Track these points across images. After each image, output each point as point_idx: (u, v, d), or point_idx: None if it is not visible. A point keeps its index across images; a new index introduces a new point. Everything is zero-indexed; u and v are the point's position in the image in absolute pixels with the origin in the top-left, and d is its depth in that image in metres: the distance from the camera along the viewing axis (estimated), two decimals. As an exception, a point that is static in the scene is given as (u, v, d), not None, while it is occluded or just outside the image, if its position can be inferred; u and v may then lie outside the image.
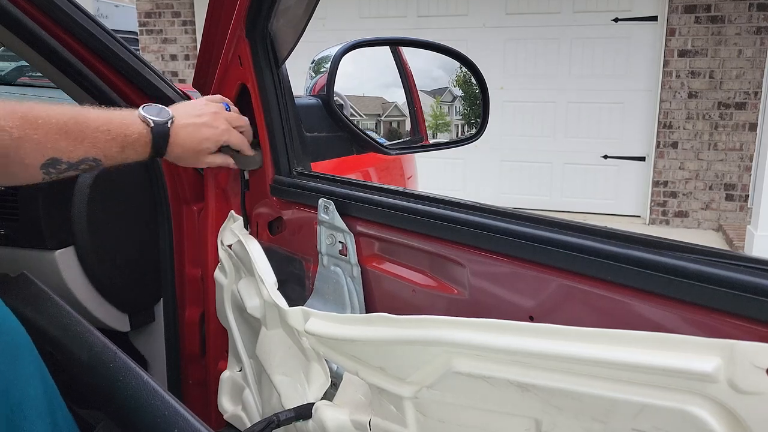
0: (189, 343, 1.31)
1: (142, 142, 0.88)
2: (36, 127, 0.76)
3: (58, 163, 0.79)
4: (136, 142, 0.87)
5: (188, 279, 1.28)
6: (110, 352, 0.88)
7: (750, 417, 0.47)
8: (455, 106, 1.58)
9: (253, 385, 1.14)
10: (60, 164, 0.80)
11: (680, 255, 0.56)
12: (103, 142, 0.83)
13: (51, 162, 0.79)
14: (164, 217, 1.25)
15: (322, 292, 0.96)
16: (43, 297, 0.98)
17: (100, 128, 0.83)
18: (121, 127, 0.85)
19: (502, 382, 0.62)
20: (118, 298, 1.28)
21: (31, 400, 0.80)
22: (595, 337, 0.55)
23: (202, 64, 1.14)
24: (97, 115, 0.84)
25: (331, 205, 0.90)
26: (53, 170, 0.79)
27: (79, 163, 0.82)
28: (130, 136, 0.86)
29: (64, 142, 0.79)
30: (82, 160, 0.82)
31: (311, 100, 1.25)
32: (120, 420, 0.87)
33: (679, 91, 4.80)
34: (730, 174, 4.84)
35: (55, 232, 1.17)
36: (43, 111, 0.78)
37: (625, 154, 5.11)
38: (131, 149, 0.87)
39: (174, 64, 6.33)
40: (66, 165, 0.80)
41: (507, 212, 0.72)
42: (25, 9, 1.01)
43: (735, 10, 4.59)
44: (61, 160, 0.79)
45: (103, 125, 0.83)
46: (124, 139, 0.86)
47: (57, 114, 0.79)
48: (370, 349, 0.75)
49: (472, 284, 0.75)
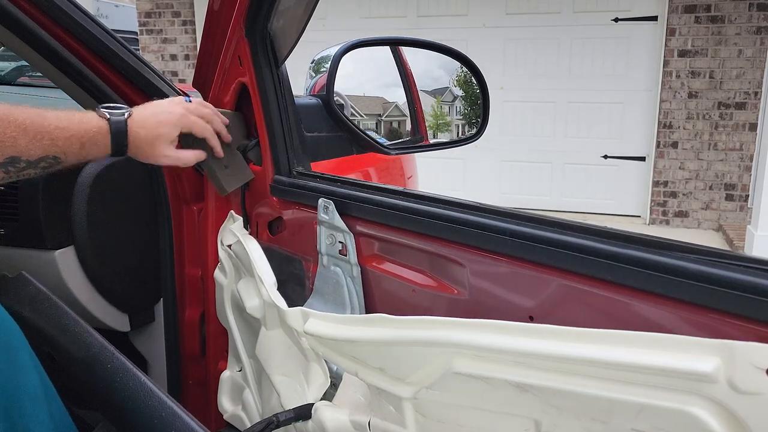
0: (189, 343, 1.31)
1: (101, 136, 0.88)
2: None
3: (17, 161, 0.79)
4: (95, 136, 0.87)
5: (188, 279, 1.28)
6: (108, 352, 0.88)
7: (750, 417, 0.47)
8: (455, 106, 1.58)
9: (253, 385, 1.14)
10: (19, 163, 0.79)
11: (680, 255, 0.55)
12: (62, 139, 0.83)
13: (10, 161, 0.78)
14: (164, 217, 1.25)
15: (322, 292, 0.96)
16: (41, 297, 0.98)
17: (59, 126, 0.83)
18: (81, 124, 0.86)
19: (501, 382, 0.62)
20: (118, 298, 1.28)
21: (27, 395, 0.80)
22: (595, 337, 0.55)
23: (202, 64, 1.13)
24: (57, 115, 0.84)
25: (331, 205, 0.90)
26: (12, 169, 0.79)
27: (38, 161, 0.82)
28: (89, 131, 0.87)
29: (23, 140, 0.79)
30: (41, 158, 0.82)
31: (311, 100, 1.25)
32: (118, 421, 0.87)
33: (679, 91, 4.80)
34: (730, 174, 4.84)
35: (55, 232, 1.17)
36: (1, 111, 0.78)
37: (625, 154, 5.11)
38: (91, 144, 0.87)
39: (174, 64, 6.33)
40: (25, 163, 0.80)
41: (507, 212, 0.72)
42: (25, 9, 1.01)
43: (735, 10, 4.58)
44: (20, 159, 0.79)
45: (62, 123, 0.84)
46: (84, 134, 0.86)
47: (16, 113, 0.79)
48: (370, 350, 0.75)
49: (472, 284, 0.75)
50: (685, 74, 4.76)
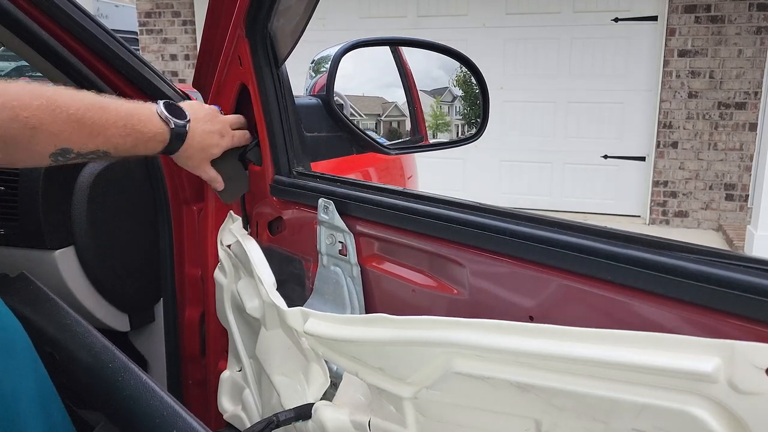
0: (189, 343, 1.31)
1: (158, 141, 0.89)
2: (54, 117, 0.76)
3: (68, 152, 0.79)
4: (151, 140, 0.88)
5: (188, 279, 1.28)
6: (109, 352, 0.88)
7: (750, 417, 0.47)
8: (455, 106, 1.58)
9: (253, 385, 1.14)
10: (70, 154, 0.80)
11: (680, 255, 0.55)
12: (118, 137, 0.84)
13: (61, 152, 0.79)
14: (164, 217, 1.25)
15: (321, 291, 0.96)
16: (42, 297, 0.98)
17: (117, 123, 0.83)
18: (139, 125, 0.86)
19: (502, 382, 0.62)
20: (118, 297, 1.28)
21: (25, 396, 0.80)
22: (595, 337, 0.55)
23: (202, 64, 1.13)
24: (117, 109, 0.84)
25: (331, 205, 0.90)
26: (61, 158, 0.80)
27: (88, 154, 0.82)
28: (147, 134, 0.87)
29: (78, 134, 0.79)
30: (92, 152, 0.82)
31: (311, 100, 1.25)
32: (119, 420, 0.87)
33: (679, 91, 4.80)
34: (730, 174, 4.84)
35: (55, 232, 1.17)
36: (64, 99, 0.77)
37: (625, 154, 5.11)
38: (143, 146, 0.88)
39: (174, 64, 6.33)
40: (75, 155, 0.81)
41: (507, 212, 0.72)
42: (25, 9, 1.01)
43: (735, 10, 4.58)
44: (71, 150, 0.79)
45: (120, 120, 0.83)
46: (140, 136, 0.87)
47: (77, 103, 0.79)
48: (370, 350, 0.75)
49: (471, 284, 0.75)
50: (685, 74, 4.76)
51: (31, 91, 0.74)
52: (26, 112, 0.73)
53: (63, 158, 0.80)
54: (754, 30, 4.58)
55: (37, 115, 0.74)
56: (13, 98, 0.72)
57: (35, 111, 0.74)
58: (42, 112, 0.75)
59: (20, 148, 0.75)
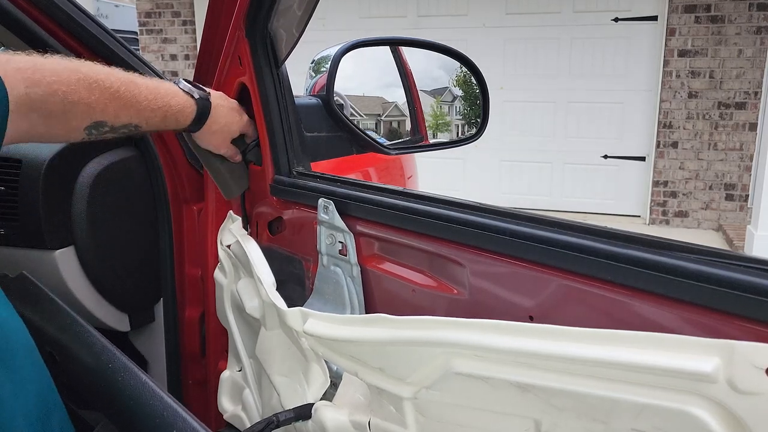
0: (189, 343, 1.31)
1: (186, 113, 0.92)
2: (90, 90, 0.77)
3: (102, 125, 0.81)
4: (179, 112, 0.91)
5: (188, 279, 1.28)
6: (109, 352, 0.88)
7: (750, 417, 0.47)
8: (455, 105, 1.58)
9: (253, 385, 1.14)
10: (104, 127, 0.81)
11: (680, 255, 0.55)
12: (148, 111, 0.86)
13: (96, 125, 0.80)
14: (164, 217, 1.25)
15: (321, 291, 0.96)
16: (42, 297, 0.98)
17: (148, 97, 0.85)
18: (166, 97, 0.89)
19: (501, 382, 0.62)
20: (118, 297, 1.28)
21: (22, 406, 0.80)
22: (595, 337, 0.55)
23: (202, 64, 1.13)
24: (146, 84, 0.86)
25: (331, 205, 0.90)
26: (95, 131, 0.81)
27: (120, 127, 0.84)
28: (175, 107, 0.90)
29: (113, 107, 0.81)
30: (124, 125, 0.84)
31: (311, 100, 1.25)
32: (119, 421, 0.86)
33: (679, 91, 4.80)
34: (730, 174, 4.84)
35: (55, 232, 1.17)
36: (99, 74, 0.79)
37: (625, 154, 5.11)
38: (173, 119, 0.91)
39: (174, 63, 6.33)
40: (108, 128, 0.82)
41: (507, 212, 0.72)
42: (25, 9, 1.01)
43: (735, 9, 4.58)
44: (105, 123, 0.81)
45: (150, 94, 0.86)
46: (169, 109, 0.89)
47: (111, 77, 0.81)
48: (369, 350, 0.75)
49: (471, 284, 0.75)
50: (685, 74, 4.76)
51: (67, 67, 0.76)
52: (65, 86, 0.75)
53: (96, 131, 0.81)
54: (754, 30, 4.58)
55: (75, 89, 0.76)
56: (50, 73, 0.73)
57: (73, 86, 0.75)
58: (80, 86, 0.76)
59: (58, 122, 0.76)
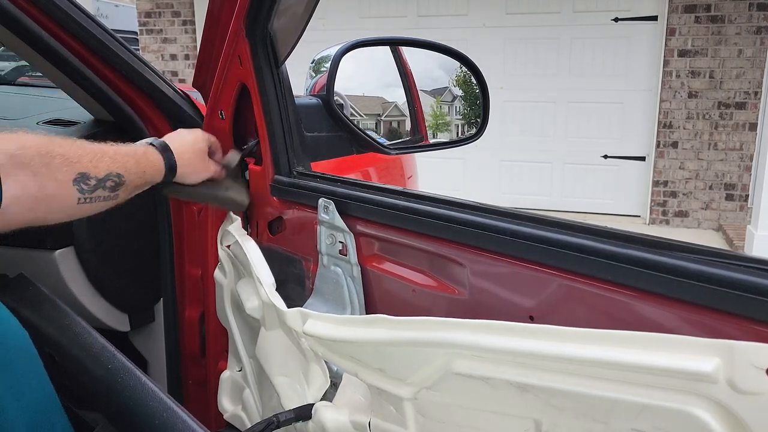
0: (189, 343, 1.31)
1: (151, 153, 0.93)
2: (59, 143, 0.80)
3: (87, 178, 0.82)
4: (145, 154, 0.92)
5: (188, 279, 1.28)
6: (109, 353, 0.88)
7: (750, 417, 0.47)
8: (455, 105, 1.58)
9: (253, 385, 1.13)
10: (90, 179, 0.82)
11: (680, 255, 0.55)
12: (120, 155, 0.87)
13: (81, 177, 0.81)
14: (164, 217, 1.25)
15: (322, 291, 0.96)
16: (42, 298, 0.98)
17: (113, 148, 0.88)
18: (129, 147, 0.91)
19: (501, 383, 0.61)
20: (117, 297, 1.28)
21: (22, 409, 0.80)
22: (595, 337, 0.55)
23: (202, 64, 1.13)
24: (105, 144, 0.88)
25: (331, 205, 0.90)
26: (85, 186, 0.82)
27: (105, 179, 0.85)
28: (139, 151, 0.92)
29: (87, 157, 0.82)
30: (107, 176, 0.85)
31: (311, 100, 1.25)
32: (118, 421, 0.86)
33: (679, 91, 4.80)
34: (730, 174, 4.84)
35: (55, 232, 1.17)
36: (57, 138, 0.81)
37: (625, 154, 5.11)
38: (146, 161, 0.92)
39: (174, 63, 6.33)
40: (95, 180, 0.83)
41: (507, 212, 0.72)
42: (25, 9, 1.01)
43: (735, 9, 4.58)
44: (89, 175, 0.82)
45: (113, 147, 0.88)
46: (135, 153, 0.91)
47: (71, 139, 0.83)
48: (370, 351, 0.75)
49: (472, 284, 0.75)
50: (685, 74, 4.76)
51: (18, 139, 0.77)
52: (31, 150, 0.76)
53: (86, 186, 0.82)
54: (754, 30, 4.58)
55: (46, 143, 0.78)
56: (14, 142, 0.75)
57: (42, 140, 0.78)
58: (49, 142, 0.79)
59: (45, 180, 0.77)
